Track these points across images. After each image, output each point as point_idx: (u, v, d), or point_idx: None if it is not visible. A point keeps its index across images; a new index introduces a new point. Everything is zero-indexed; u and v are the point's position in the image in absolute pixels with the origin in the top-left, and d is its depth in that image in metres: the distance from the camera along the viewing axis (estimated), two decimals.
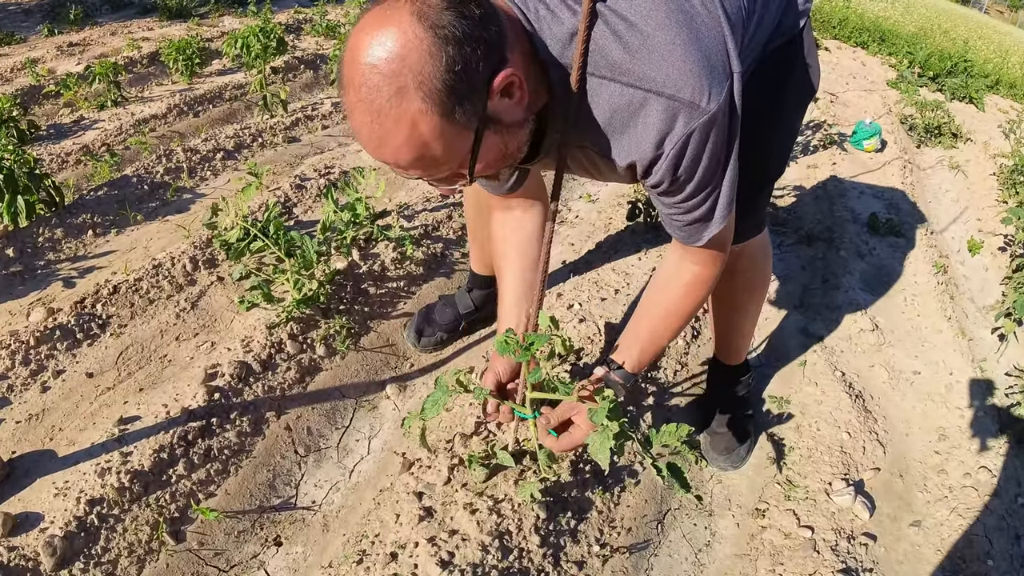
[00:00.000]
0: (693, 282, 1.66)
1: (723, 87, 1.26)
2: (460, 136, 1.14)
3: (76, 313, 2.47)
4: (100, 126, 4.18)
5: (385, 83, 1.05)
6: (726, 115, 1.29)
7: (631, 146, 1.33)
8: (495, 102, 1.15)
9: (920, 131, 5.65)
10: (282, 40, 4.77)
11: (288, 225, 3.11)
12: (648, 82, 1.24)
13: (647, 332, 1.72)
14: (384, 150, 1.14)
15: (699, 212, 1.45)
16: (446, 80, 1.06)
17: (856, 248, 3.67)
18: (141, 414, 2.15)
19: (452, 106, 1.08)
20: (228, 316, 2.58)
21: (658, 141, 1.29)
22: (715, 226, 1.47)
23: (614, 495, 2.09)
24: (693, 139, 1.28)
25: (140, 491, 1.93)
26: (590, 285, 2.90)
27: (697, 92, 1.23)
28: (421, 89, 1.05)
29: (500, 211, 1.94)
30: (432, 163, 1.16)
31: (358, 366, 2.47)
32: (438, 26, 1.05)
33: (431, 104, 1.07)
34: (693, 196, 1.40)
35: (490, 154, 1.22)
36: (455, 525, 1.84)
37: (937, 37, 9.89)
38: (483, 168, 1.25)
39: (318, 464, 2.17)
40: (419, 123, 1.08)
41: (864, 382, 2.75)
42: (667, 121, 1.27)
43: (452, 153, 1.16)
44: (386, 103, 1.07)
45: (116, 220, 3.16)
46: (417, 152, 1.13)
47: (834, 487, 2.24)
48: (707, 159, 1.32)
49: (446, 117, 1.09)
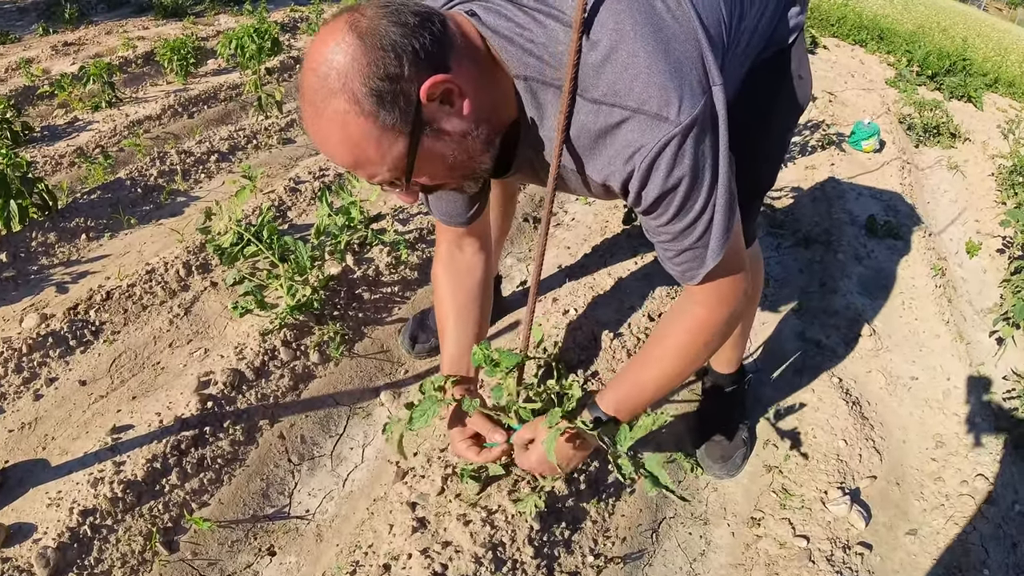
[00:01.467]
0: (697, 327, 1.53)
1: (697, 99, 1.20)
2: (391, 139, 1.16)
3: (69, 320, 2.46)
4: (94, 127, 4.17)
5: (319, 86, 1.12)
6: (705, 129, 1.23)
7: (602, 163, 1.30)
8: (432, 108, 1.17)
9: (919, 131, 5.63)
10: (277, 40, 4.75)
11: (282, 229, 3.10)
12: (612, 96, 1.21)
13: (634, 376, 1.63)
14: (326, 149, 1.20)
15: (689, 240, 1.35)
16: (369, 83, 1.10)
17: (854, 251, 3.66)
18: (134, 422, 2.14)
19: (376, 108, 1.12)
20: (221, 322, 2.57)
21: (628, 156, 1.24)
22: (712, 257, 1.36)
23: (608, 504, 2.08)
24: (666, 154, 1.21)
25: (133, 501, 1.92)
26: (585, 289, 2.88)
27: (664, 105, 1.18)
28: (345, 91, 1.11)
29: (448, 252, 1.91)
30: (368, 164, 1.20)
31: (352, 373, 2.46)
32: (367, 34, 1.10)
33: (354, 105, 1.11)
34: (679, 218, 1.32)
35: (433, 163, 1.24)
36: (448, 536, 1.83)
37: (936, 35, 9.87)
38: (429, 178, 1.28)
39: (312, 473, 2.16)
40: (348, 124, 1.14)
41: (861, 388, 2.74)
42: (634, 136, 1.22)
43: (386, 156, 1.18)
44: (320, 104, 1.13)
45: (110, 224, 3.14)
46: (351, 152, 1.18)
47: (830, 496, 2.23)
48: (687, 175, 1.25)
49: (371, 119, 1.13)
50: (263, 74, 4.81)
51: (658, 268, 3.08)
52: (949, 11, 14.31)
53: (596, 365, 2.52)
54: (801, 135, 5.20)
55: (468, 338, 1.90)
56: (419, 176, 1.25)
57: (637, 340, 2.65)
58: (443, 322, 1.94)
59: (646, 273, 3.07)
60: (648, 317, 2.79)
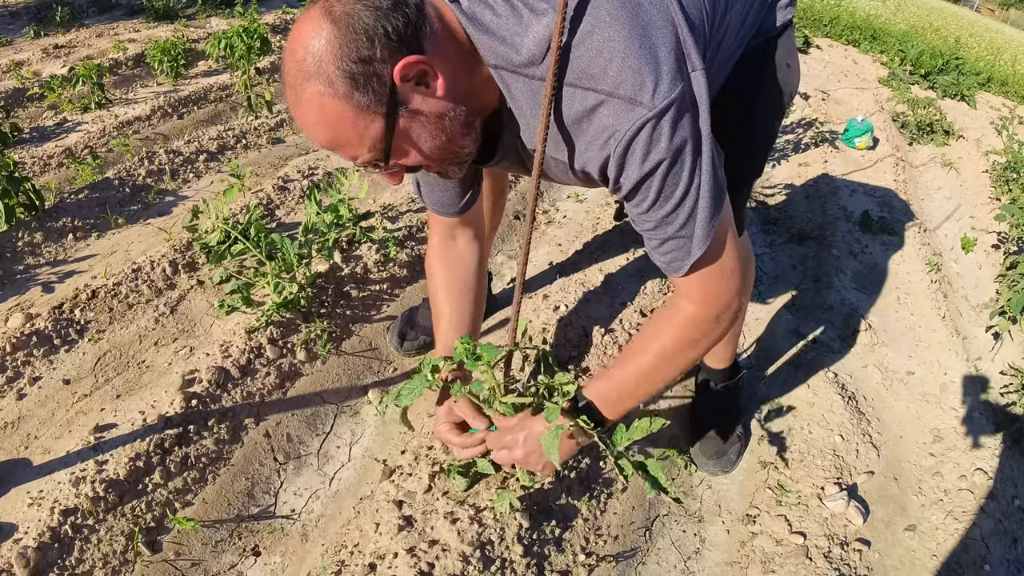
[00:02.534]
0: (686, 323, 1.50)
1: (675, 84, 1.19)
2: (368, 120, 1.18)
3: (54, 319, 2.42)
4: (83, 128, 4.12)
5: (297, 70, 1.16)
6: (683, 112, 1.21)
7: (580, 149, 1.30)
8: (407, 89, 1.19)
9: (912, 128, 5.62)
10: (266, 40, 4.70)
11: (270, 227, 3.06)
12: (587, 80, 1.21)
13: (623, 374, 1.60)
14: (307, 131, 1.23)
15: (672, 227, 1.33)
16: (343, 66, 1.13)
17: (848, 247, 3.63)
18: (117, 421, 2.10)
19: (350, 90, 1.14)
20: (208, 320, 2.53)
21: (603, 141, 1.24)
22: (697, 247, 1.34)
23: (600, 502, 2.04)
24: (640, 137, 1.20)
25: (115, 500, 1.88)
26: (576, 286, 2.85)
27: (639, 88, 1.17)
28: (320, 74, 1.14)
29: (441, 242, 1.90)
30: (347, 144, 1.22)
31: (339, 371, 2.42)
32: (341, 18, 1.12)
33: (328, 87, 1.14)
34: (659, 204, 1.30)
35: (411, 143, 1.26)
36: (435, 535, 1.79)
37: (928, 35, 9.89)
38: (409, 158, 1.29)
39: (298, 472, 2.12)
40: (324, 106, 1.16)
41: (857, 383, 2.70)
42: (610, 119, 1.22)
43: (364, 137, 1.20)
44: (299, 88, 1.16)
45: (97, 224, 3.10)
46: (330, 133, 1.21)
47: (827, 492, 2.20)
48: (665, 159, 1.23)
49: (346, 100, 1.15)
50: (253, 74, 4.77)
51: (649, 264, 3.06)
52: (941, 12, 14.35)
53: (587, 361, 2.49)
54: (794, 132, 5.18)
55: (464, 326, 1.89)
56: (398, 157, 1.27)
57: (628, 336, 2.62)
58: (438, 310, 1.92)
59: (637, 269, 3.04)
60: (640, 313, 2.76)
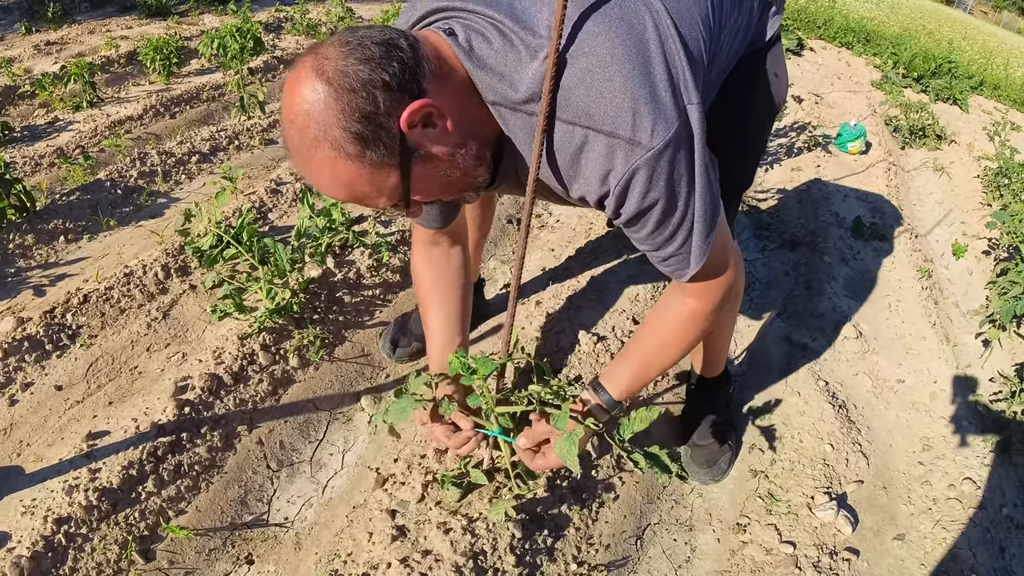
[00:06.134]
0: (689, 316, 1.58)
1: (671, 123, 1.21)
2: (382, 175, 1.17)
3: (45, 323, 2.41)
4: (75, 127, 4.11)
5: (300, 136, 1.13)
6: (679, 149, 1.24)
7: (579, 181, 1.32)
8: (416, 134, 1.17)
9: (904, 132, 5.64)
10: (259, 40, 4.70)
11: (263, 231, 3.06)
12: (586, 119, 1.22)
13: (639, 361, 1.64)
14: (323, 191, 1.22)
15: (672, 248, 1.39)
16: (347, 127, 1.10)
17: (840, 253, 3.64)
18: (110, 428, 2.10)
19: (360, 149, 1.13)
20: (200, 326, 2.53)
21: (602, 177, 1.27)
22: (696, 261, 1.39)
23: (592, 511, 2.05)
24: (639, 176, 1.23)
25: (108, 509, 1.88)
26: (569, 292, 2.86)
27: (638, 128, 1.19)
28: (327, 139, 1.11)
29: (425, 247, 1.90)
30: (366, 198, 1.22)
31: (332, 377, 2.42)
32: (335, 77, 1.10)
33: (338, 151, 1.12)
34: (658, 232, 1.35)
35: (428, 183, 1.26)
36: (428, 545, 1.79)
37: (922, 38, 9.91)
38: (427, 196, 1.30)
39: (291, 479, 2.12)
40: (336, 168, 1.15)
41: (848, 391, 2.72)
42: (608, 158, 1.24)
43: (381, 189, 1.20)
44: (307, 154, 1.15)
45: (88, 226, 3.10)
46: (346, 191, 1.20)
47: (816, 501, 2.21)
48: (663, 194, 1.27)
49: (358, 160, 1.14)
50: (246, 74, 4.76)
51: (642, 271, 3.07)
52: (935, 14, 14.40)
53: (580, 368, 2.49)
54: (787, 136, 5.19)
55: (453, 325, 1.90)
56: (417, 196, 1.27)
57: (620, 343, 2.63)
58: (426, 311, 1.92)
59: (630, 275, 3.04)
60: (632, 320, 2.77)
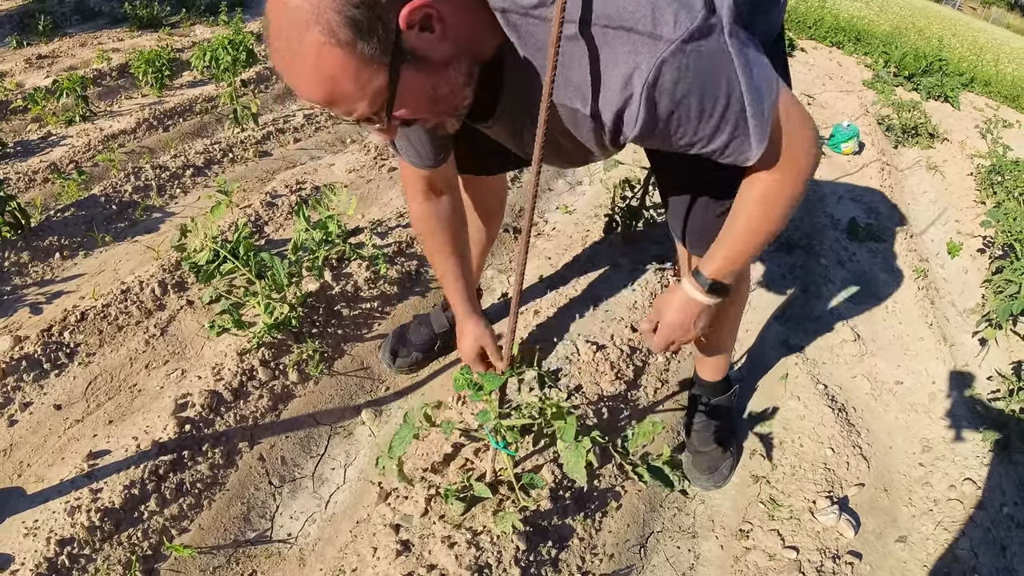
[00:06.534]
0: (765, 197, 1.44)
1: (696, 11, 1.14)
2: (370, 71, 1.10)
3: (43, 342, 2.40)
4: (68, 142, 4.10)
5: (290, 19, 1.06)
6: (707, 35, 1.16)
7: (598, 91, 1.23)
8: (411, 36, 1.10)
9: (897, 132, 5.66)
10: (252, 51, 4.69)
11: (259, 244, 3.05)
12: (603, 19, 1.15)
13: (727, 245, 1.56)
14: (299, 86, 1.13)
15: (722, 138, 1.28)
16: (344, 11, 1.03)
17: (836, 255, 3.65)
18: (111, 447, 2.09)
19: (353, 37, 1.05)
20: (198, 342, 2.52)
21: (625, 79, 1.18)
22: (757, 142, 1.28)
23: (595, 521, 2.05)
24: (666, 69, 1.15)
25: (111, 529, 1.88)
26: (566, 301, 2.86)
27: (658, 22, 1.13)
28: (319, 22, 1.04)
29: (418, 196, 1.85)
30: (346, 99, 1.14)
31: (332, 391, 2.42)
32: None
33: (330, 36, 1.05)
34: (703, 124, 1.25)
35: (414, 95, 1.18)
36: (433, 559, 1.79)
37: (912, 36, 9.95)
38: (409, 111, 1.21)
39: (293, 495, 2.12)
40: (322, 56, 1.07)
41: (847, 394, 2.72)
42: (631, 56, 1.16)
43: (365, 89, 1.12)
44: (293, 39, 1.07)
45: (84, 242, 3.09)
46: (326, 87, 1.11)
47: (818, 505, 2.22)
48: (697, 83, 1.18)
49: (348, 49, 1.06)
50: (238, 86, 4.76)
51: (639, 277, 3.06)
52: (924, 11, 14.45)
53: (580, 378, 2.49)
54: None
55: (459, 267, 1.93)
56: (399, 110, 1.19)
57: (620, 352, 2.63)
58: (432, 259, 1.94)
59: (627, 282, 3.04)
60: (631, 328, 2.77)
